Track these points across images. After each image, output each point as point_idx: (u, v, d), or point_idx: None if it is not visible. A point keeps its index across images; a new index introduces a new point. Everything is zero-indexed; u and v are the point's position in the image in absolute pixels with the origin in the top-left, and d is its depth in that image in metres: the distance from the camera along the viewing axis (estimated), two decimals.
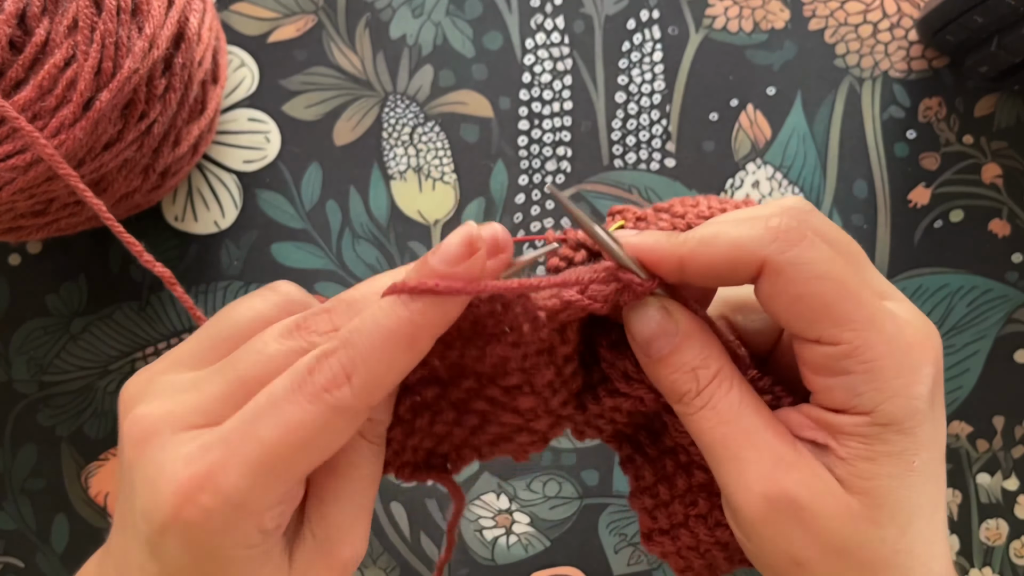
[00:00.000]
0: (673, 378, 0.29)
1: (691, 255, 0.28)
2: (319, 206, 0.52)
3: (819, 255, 0.26)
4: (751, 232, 0.27)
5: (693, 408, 0.29)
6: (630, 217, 0.43)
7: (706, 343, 0.29)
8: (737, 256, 0.27)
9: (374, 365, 0.25)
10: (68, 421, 0.51)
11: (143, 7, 0.39)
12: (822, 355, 0.27)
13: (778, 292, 0.27)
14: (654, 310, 0.29)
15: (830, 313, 0.26)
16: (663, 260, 0.28)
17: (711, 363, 0.29)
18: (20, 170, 0.38)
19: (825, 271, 0.26)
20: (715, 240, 0.27)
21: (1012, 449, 0.50)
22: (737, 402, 0.28)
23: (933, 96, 0.52)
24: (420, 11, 0.53)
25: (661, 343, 0.29)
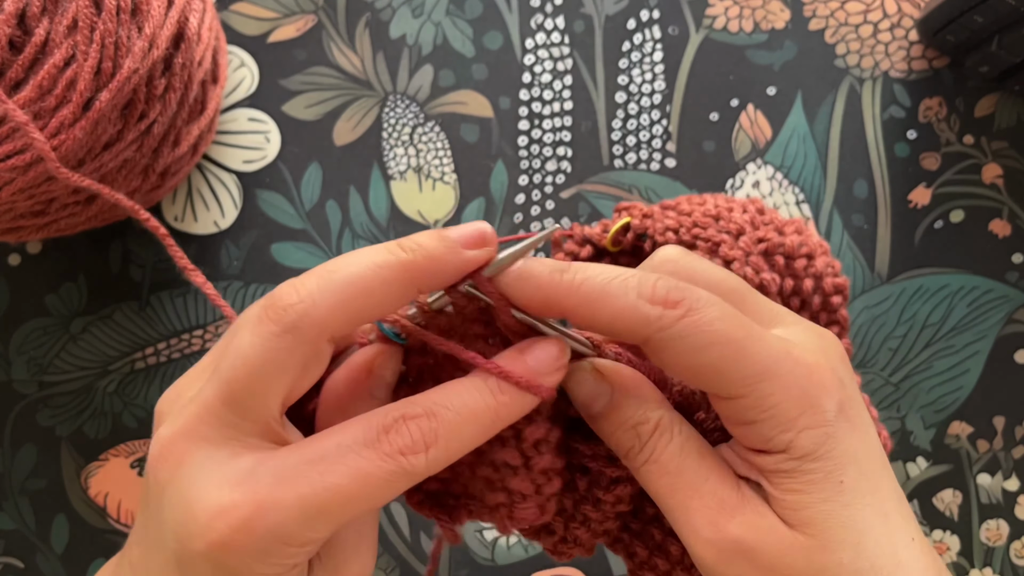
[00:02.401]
0: (616, 436, 0.29)
1: (575, 309, 0.27)
2: (319, 206, 0.52)
3: (702, 319, 0.26)
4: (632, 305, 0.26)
5: (638, 462, 0.29)
6: (636, 214, 0.43)
7: (642, 398, 0.29)
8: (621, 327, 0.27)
9: (453, 444, 0.26)
10: (68, 421, 0.51)
11: (143, 7, 0.39)
12: (727, 408, 0.28)
13: (668, 362, 0.27)
14: (585, 373, 0.30)
15: (722, 376, 0.27)
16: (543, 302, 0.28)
17: (648, 416, 0.29)
18: (20, 170, 0.38)
19: (711, 338, 0.26)
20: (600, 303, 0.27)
21: (1012, 449, 0.50)
22: (678, 452, 0.29)
23: (933, 96, 0.52)
24: (420, 11, 0.53)
25: (598, 403, 0.30)
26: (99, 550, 0.51)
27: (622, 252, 0.43)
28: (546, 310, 0.28)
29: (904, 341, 0.50)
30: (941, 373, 0.50)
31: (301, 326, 0.25)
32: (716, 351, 0.26)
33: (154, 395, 0.51)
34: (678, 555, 0.32)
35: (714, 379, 0.27)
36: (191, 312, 0.51)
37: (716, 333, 0.26)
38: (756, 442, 0.28)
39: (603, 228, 0.43)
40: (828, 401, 0.27)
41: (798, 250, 0.39)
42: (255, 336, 0.25)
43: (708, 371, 0.27)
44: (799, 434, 0.27)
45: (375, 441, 0.26)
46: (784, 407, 0.27)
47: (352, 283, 0.26)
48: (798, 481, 0.27)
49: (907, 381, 0.50)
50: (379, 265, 0.26)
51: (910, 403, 0.50)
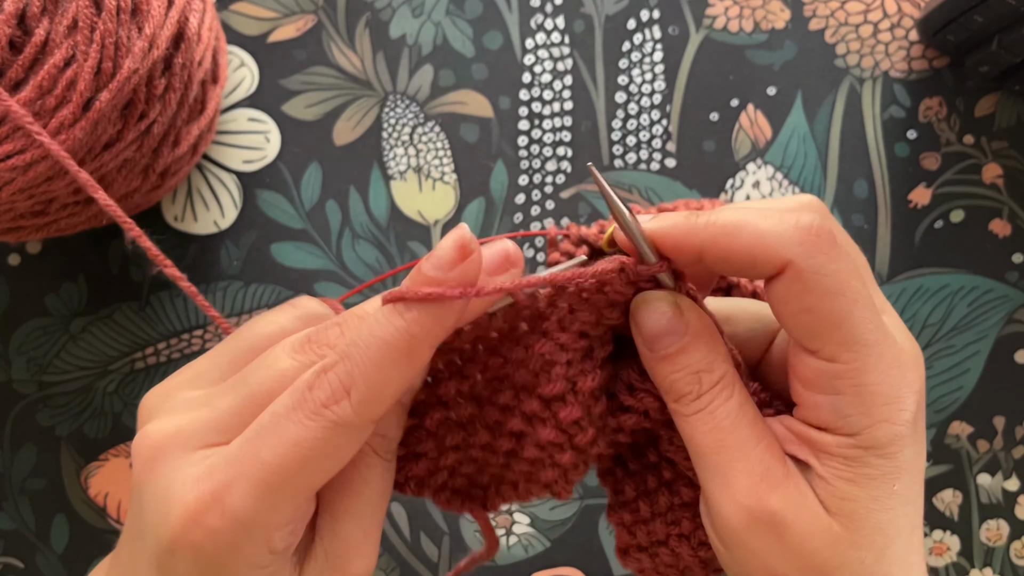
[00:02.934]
0: (675, 377, 0.28)
1: (712, 242, 0.26)
2: (319, 206, 0.52)
3: (841, 268, 0.26)
4: (779, 228, 0.26)
5: (691, 410, 0.28)
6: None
7: (714, 346, 0.28)
8: (761, 251, 0.26)
9: (372, 378, 0.25)
10: (68, 421, 0.51)
11: (143, 7, 0.39)
12: (816, 369, 0.27)
13: (792, 297, 0.26)
14: (665, 305, 0.28)
15: (837, 330, 0.26)
16: (681, 244, 0.27)
17: (716, 367, 0.28)
18: (20, 170, 0.38)
19: (843, 287, 0.26)
20: (740, 230, 0.26)
21: (1013, 449, 0.50)
22: (736, 411, 0.28)
23: (933, 96, 0.52)
24: (420, 11, 0.53)
25: (669, 340, 0.28)
26: (99, 550, 0.51)
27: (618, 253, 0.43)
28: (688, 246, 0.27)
29: None
30: (941, 373, 0.50)
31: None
32: (844, 302, 0.25)
33: None
34: (664, 506, 0.32)
35: (828, 330, 0.26)
36: (191, 312, 0.51)
37: (850, 287, 0.26)
38: (826, 417, 0.27)
39: (599, 229, 0.43)
40: (911, 403, 0.27)
41: None
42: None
43: (827, 319, 0.26)
44: (877, 424, 0.26)
45: (300, 401, 0.25)
46: (874, 389, 0.26)
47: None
48: (855, 472, 0.27)
49: None
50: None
51: None
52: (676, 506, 0.32)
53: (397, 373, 0.25)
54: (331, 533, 0.28)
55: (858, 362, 0.26)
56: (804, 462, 0.28)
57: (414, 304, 0.25)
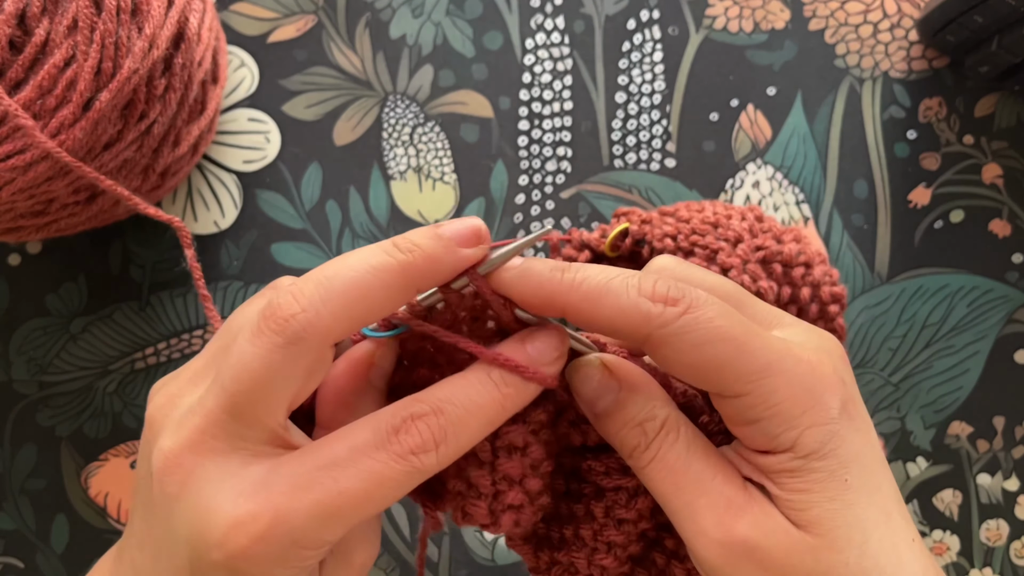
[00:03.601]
0: (622, 434, 0.29)
1: (575, 307, 0.27)
2: (319, 206, 0.52)
3: (701, 316, 0.26)
4: (632, 303, 0.26)
5: (643, 461, 0.29)
6: (635, 220, 0.43)
7: (649, 395, 0.29)
8: (621, 325, 0.27)
9: (463, 439, 0.27)
10: (68, 421, 0.51)
11: (143, 7, 0.39)
12: (730, 407, 0.28)
13: (668, 361, 0.27)
14: (593, 369, 0.30)
15: (724, 373, 0.27)
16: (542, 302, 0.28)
17: (656, 413, 0.29)
18: (20, 170, 0.38)
19: (711, 335, 0.26)
20: (600, 301, 0.27)
21: (1012, 449, 0.50)
22: (685, 451, 0.28)
23: (933, 96, 0.52)
24: (420, 11, 0.53)
25: (605, 400, 0.29)
26: (99, 550, 0.51)
27: (620, 257, 0.43)
28: (546, 308, 0.28)
29: (904, 341, 0.50)
30: (941, 373, 0.50)
31: (305, 336, 0.25)
32: (717, 347, 0.26)
33: None
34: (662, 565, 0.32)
35: (715, 376, 0.27)
36: (191, 312, 0.51)
37: (717, 329, 0.26)
38: (760, 442, 0.28)
39: (601, 233, 0.43)
40: (832, 399, 0.27)
41: (796, 259, 0.39)
42: (257, 347, 0.25)
43: (709, 368, 0.27)
44: (804, 432, 0.27)
45: (386, 443, 0.26)
46: (788, 404, 0.27)
47: (352, 288, 0.26)
48: (803, 480, 0.27)
49: (907, 381, 0.50)
50: (378, 268, 0.26)
51: (910, 403, 0.50)
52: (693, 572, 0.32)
53: (479, 435, 0.27)
54: None
55: (760, 388, 0.27)
56: (759, 484, 0.28)
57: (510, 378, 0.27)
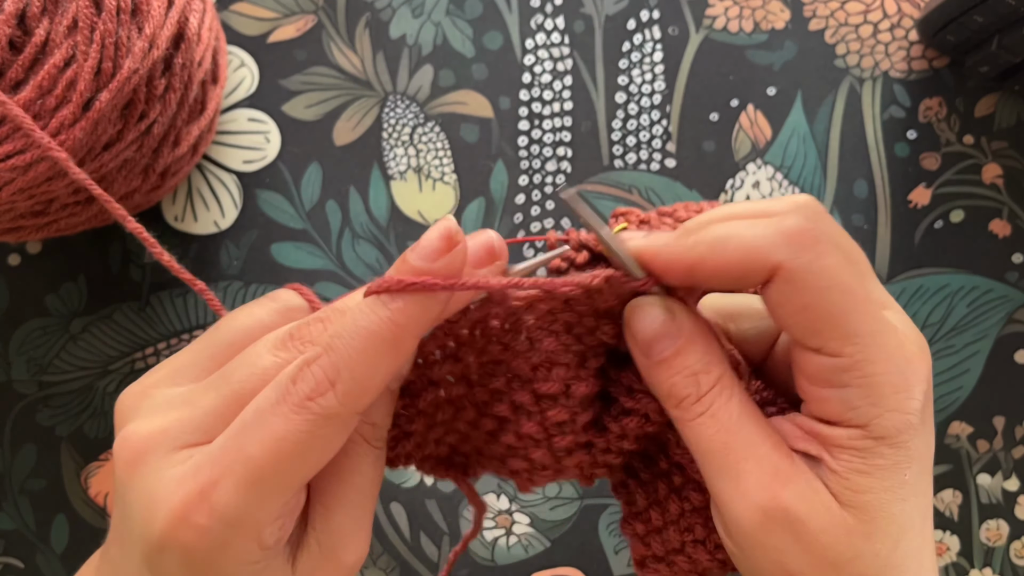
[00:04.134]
0: (673, 381, 0.28)
1: (701, 260, 0.27)
2: (319, 206, 0.52)
3: (831, 263, 0.26)
4: (764, 234, 0.26)
5: (692, 414, 0.28)
6: (633, 220, 0.43)
7: (709, 348, 0.28)
8: (750, 261, 0.26)
9: (357, 369, 0.25)
10: (68, 421, 0.51)
11: (143, 7, 0.39)
12: (821, 366, 0.27)
13: (786, 299, 0.26)
14: (658, 310, 0.28)
15: (836, 325, 0.26)
16: (671, 265, 0.27)
17: (713, 368, 0.28)
18: (20, 170, 0.38)
19: (835, 281, 0.26)
20: (726, 244, 0.26)
21: (1012, 449, 0.50)
22: (737, 411, 0.28)
23: (933, 96, 0.52)
24: (420, 11, 0.53)
25: (663, 344, 0.28)
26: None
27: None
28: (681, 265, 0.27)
29: None
30: (941, 373, 0.50)
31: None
32: (838, 296, 0.26)
33: None
34: (676, 514, 0.32)
35: (825, 326, 0.26)
36: (191, 312, 0.51)
37: (843, 281, 0.26)
38: (834, 410, 0.27)
39: None
40: (918, 391, 0.27)
41: None
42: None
43: (822, 316, 0.26)
44: (885, 414, 0.26)
45: (285, 394, 0.25)
46: (881, 379, 0.26)
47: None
48: (866, 463, 0.26)
49: None
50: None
51: None
52: (687, 512, 0.32)
53: (382, 363, 0.25)
54: (324, 523, 0.28)
55: (862, 354, 0.26)
56: (815, 457, 0.27)
57: (399, 295, 0.25)
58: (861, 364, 0.26)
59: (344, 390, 0.25)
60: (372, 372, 0.25)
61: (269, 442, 0.24)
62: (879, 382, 0.26)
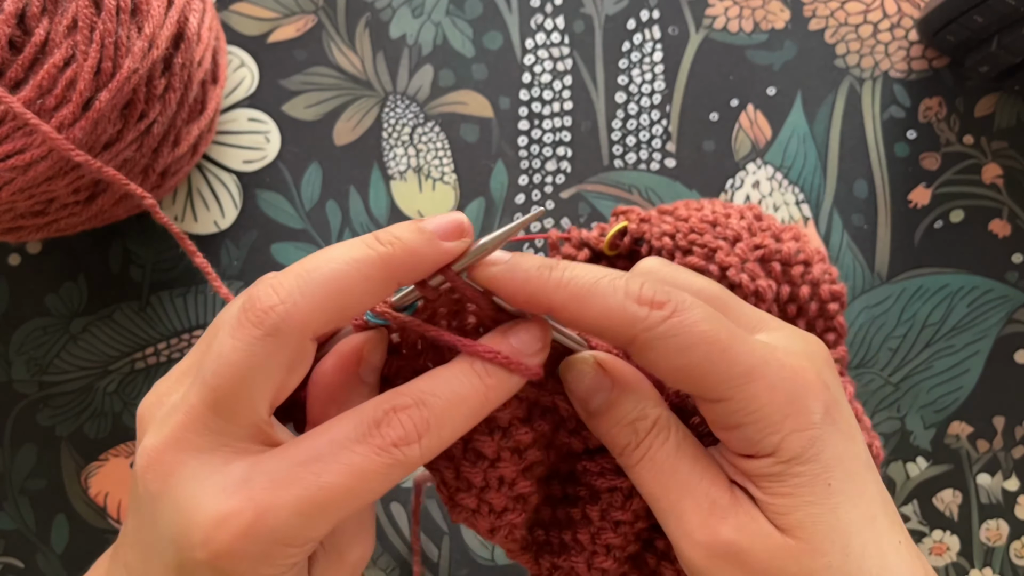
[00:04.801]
0: (613, 432, 0.29)
1: (561, 306, 0.27)
2: (319, 206, 0.52)
3: (687, 319, 0.26)
4: (619, 305, 0.26)
5: (633, 460, 0.29)
6: (634, 218, 0.43)
7: (642, 394, 0.29)
8: (607, 326, 0.27)
9: (445, 430, 0.26)
10: (68, 421, 0.51)
11: (143, 7, 0.39)
12: (713, 411, 0.28)
13: (652, 364, 0.27)
14: (587, 366, 0.30)
15: (707, 378, 0.27)
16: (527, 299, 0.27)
17: (647, 414, 0.29)
18: (20, 170, 0.38)
19: (696, 338, 0.26)
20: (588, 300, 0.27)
21: (1012, 449, 0.50)
22: (674, 452, 0.29)
23: (933, 96, 0.52)
24: (420, 11, 0.53)
25: (597, 397, 0.29)
26: (99, 550, 0.51)
27: (619, 256, 0.43)
28: (532, 305, 0.28)
29: (904, 341, 0.50)
30: (941, 373, 0.50)
31: (283, 328, 0.25)
32: (701, 351, 0.26)
33: None
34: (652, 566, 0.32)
35: (699, 381, 0.27)
36: (191, 312, 0.51)
37: (701, 334, 0.26)
38: (743, 446, 0.28)
39: (600, 232, 0.43)
40: (814, 404, 0.27)
41: (795, 257, 0.39)
42: (237, 340, 0.25)
43: (693, 372, 0.27)
44: (786, 437, 0.27)
45: (367, 435, 0.25)
46: (770, 409, 0.27)
47: (332, 281, 0.26)
48: (786, 484, 0.27)
49: (907, 381, 0.50)
50: (358, 260, 0.26)
51: (910, 403, 0.50)
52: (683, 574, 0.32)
53: (462, 427, 0.27)
54: None
55: (742, 393, 0.27)
56: (743, 488, 0.28)
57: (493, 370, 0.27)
58: (746, 402, 0.27)
59: (428, 445, 0.26)
60: (454, 434, 0.27)
61: (347, 476, 0.25)
62: (768, 413, 0.27)
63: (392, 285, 0.27)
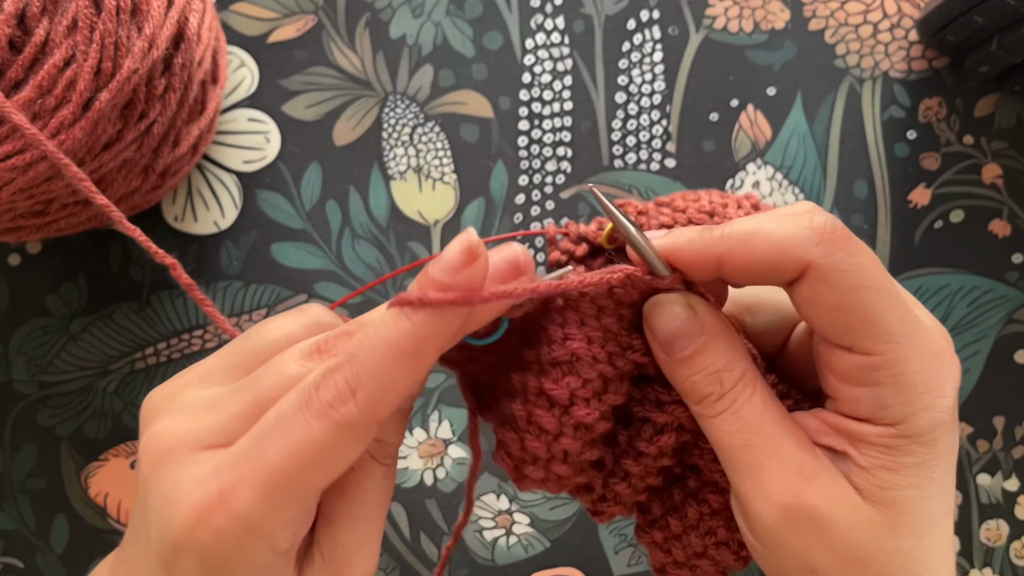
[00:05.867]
0: (695, 379, 0.28)
1: (729, 254, 0.26)
2: (319, 206, 0.52)
3: (864, 261, 0.26)
4: (795, 231, 0.26)
5: (714, 411, 0.28)
6: (631, 211, 0.43)
7: (731, 344, 0.28)
8: (780, 257, 0.26)
9: (379, 379, 0.25)
10: (68, 421, 0.51)
11: (143, 7, 0.39)
12: (853, 364, 0.27)
13: (818, 298, 0.26)
14: (679, 307, 0.28)
15: (869, 324, 0.26)
16: (698, 260, 0.27)
17: (736, 365, 0.28)
18: (20, 170, 0.38)
19: (868, 280, 0.26)
20: (755, 238, 0.26)
21: (1012, 450, 0.50)
22: (760, 408, 0.28)
23: (933, 96, 0.52)
24: (420, 11, 0.53)
25: (685, 342, 0.28)
26: (99, 550, 0.51)
27: (618, 250, 0.43)
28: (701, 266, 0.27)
29: None
30: None
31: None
32: (871, 294, 0.25)
33: None
34: (695, 519, 0.32)
35: (859, 325, 0.26)
36: (191, 312, 0.51)
37: (876, 279, 0.26)
38: (866, 408, 0.27)
39: (598, 226, 0.43)
40: (951, 388, 0.27)
41: None
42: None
43: (855, 315, 0.26)
44: (919, 412, 0.26)
45: (307, 402, 0.25)
46: (914, 378, 0.26)
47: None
48: (895, 460, 0.26)
49: None
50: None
51: None
52: (707, 515, 0.31)
53: (403, 374, 0.25)
54: (328, 538, 0.28)
55: (894, 353, 0.26)
56: (840, 452, 0.27)
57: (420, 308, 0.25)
58: (894, 363, 0.26)
59: (364, 399, 0.25)
60: (392, 382, 0.25)
61: (289, 448, 0.24)
62: (912, 380, 0.26)
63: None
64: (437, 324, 0.25)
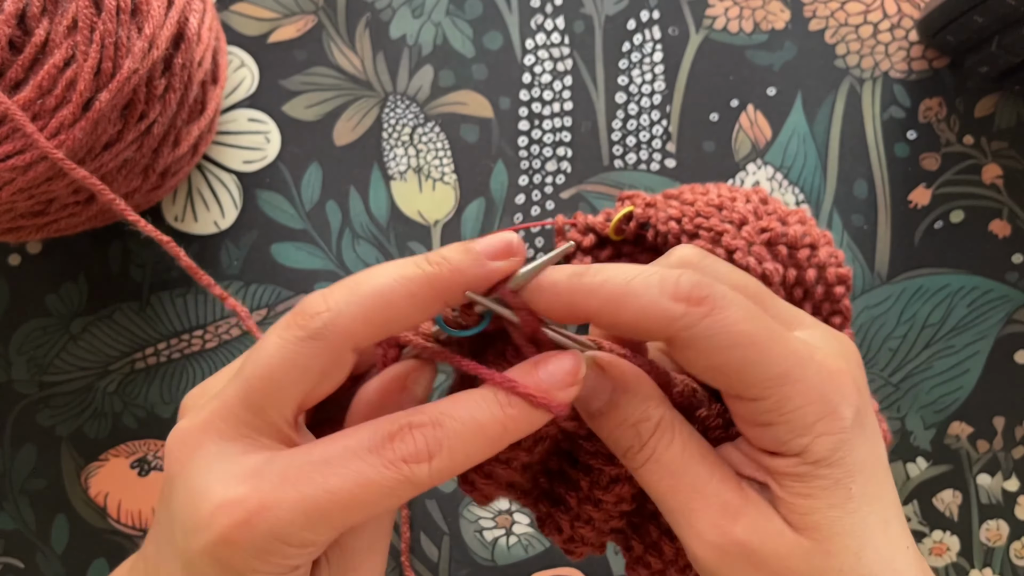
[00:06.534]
0: (616, 434, 0.29)
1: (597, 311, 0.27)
2: (319, 206, 0.52)
3: (729, 318, 0.26)
4: (657, 301, 0.26)
5: (638, 462, 0.29)
6: (639, 203, 0.43)
7: (644, 395, 0.29)
8: (645, 327, 0.26)
9: (458, 453, 0.26)
10: (68, 421, 0.51)
11: (143, 7, 0.39)
12: (744, 408, 0.28)
13: (691, 363, 0.27)
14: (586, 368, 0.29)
15: (744, 377, 0.26)
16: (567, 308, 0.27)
17: (650, 415, 0.29)
18: (20, 170, 0.38)
19: (736, 338, 0.26)
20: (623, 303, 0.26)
21: (1012, 450, 0.50)
22: (680, 452, 0.28)
23: (933, 96, 0.52)
24: (420, 11, 0.53)
25: (595, 401, 0.29)
26: (99, 550, 0.51)
27: (624, 241, 0.43)
28: (569, 316, 0.27)
29: (904, 341, 0.50)
30: (941, 373, 0.50)
31: (326, 333, 0.25)
32: (740, 352, 0.26)
33: (154, 395, 0.51)
34: (671, 555, 0.32)
35: (735, 380, 0.27)
36: (191, 312, 0.51)
37: (740, 333, 0.26)
38: (770, 444, 0.28)
39: (606, 217, 0.43)
40: (846, 408, 0.27)
41: (801, 240, 0.39)
42: (280, 339, 0.26)
43: (730, 371, 0.26)
44: (816, 439, 0.27)
45: (380, 447, 0.25)
46: (803, 412, 0.27)
47: (378, 294, 0.26)
48: (808, 486, 0.27)
49: (907, 381, 0.50)
50: (405, 277, 0.26)
51: (910, 403, 0.50)
52: (681, 551, 0.32)
53: (479, 454, 0.26)
54: (335, 544, 0.28)
55: (777, 395, 0.26)
56: (763, 483, 0.28)
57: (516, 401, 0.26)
58: (779, 405, 0.26)
59: (438, 467, 0.26)
60: (467, 459, 0.26)
61: (353, 484, 0.25)
62: (801, 415, 0.27)
63: (438, 305, 0.27)
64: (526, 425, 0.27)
